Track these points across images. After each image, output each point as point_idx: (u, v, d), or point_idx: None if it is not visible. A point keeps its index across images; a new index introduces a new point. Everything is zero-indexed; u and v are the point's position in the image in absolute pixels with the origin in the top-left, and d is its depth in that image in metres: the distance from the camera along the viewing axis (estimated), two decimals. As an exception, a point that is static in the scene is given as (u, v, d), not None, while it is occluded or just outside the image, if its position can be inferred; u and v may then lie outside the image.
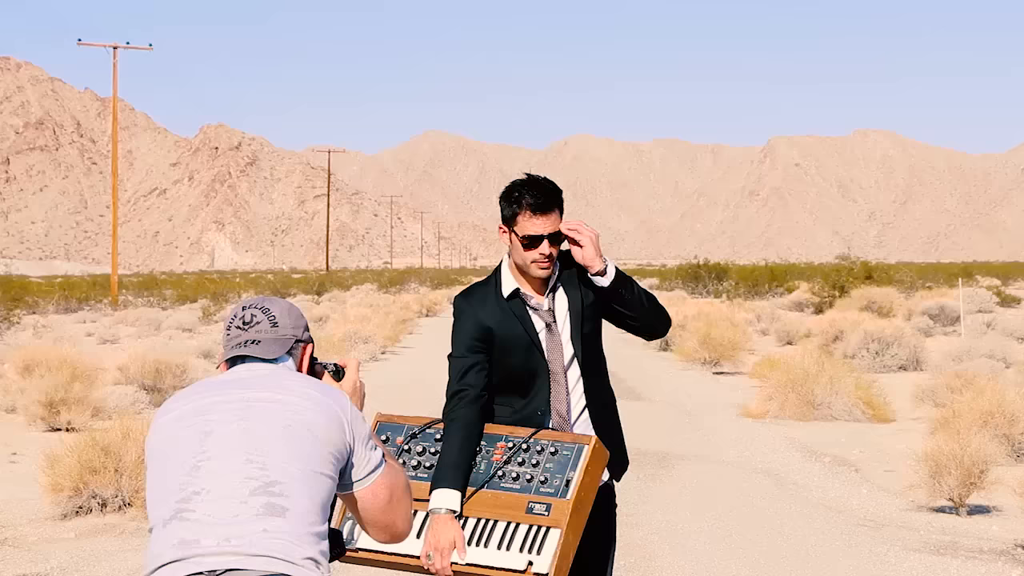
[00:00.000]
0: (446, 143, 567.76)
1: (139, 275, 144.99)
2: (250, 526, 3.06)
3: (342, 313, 43.68)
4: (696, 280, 64.78)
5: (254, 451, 3.14)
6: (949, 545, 9.10)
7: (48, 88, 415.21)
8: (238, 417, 3.21)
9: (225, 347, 3.46)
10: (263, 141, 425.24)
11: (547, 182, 4.54)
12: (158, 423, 3.31)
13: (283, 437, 3.17)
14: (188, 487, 3.12)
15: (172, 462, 3.19)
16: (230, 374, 3.41)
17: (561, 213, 4.52)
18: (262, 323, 3.44)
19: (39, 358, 18.85)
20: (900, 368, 23.26)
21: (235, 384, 3.32)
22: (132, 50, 65.16)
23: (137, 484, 10.20)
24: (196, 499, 3.10)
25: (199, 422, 3.22)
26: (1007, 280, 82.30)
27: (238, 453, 3.14)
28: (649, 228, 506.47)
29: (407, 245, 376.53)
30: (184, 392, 3.39)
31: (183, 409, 3.28)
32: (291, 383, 3.31)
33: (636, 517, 9.95)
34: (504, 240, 4.55)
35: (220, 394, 3.29)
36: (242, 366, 3.42)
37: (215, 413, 3.23)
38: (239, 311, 3.48)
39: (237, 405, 3.24)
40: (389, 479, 3.39)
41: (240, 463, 3.13)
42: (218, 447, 3.16)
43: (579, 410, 4.54)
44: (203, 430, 3.20)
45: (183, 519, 3.08)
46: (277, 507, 3.09)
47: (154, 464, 3.24)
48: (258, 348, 3.41)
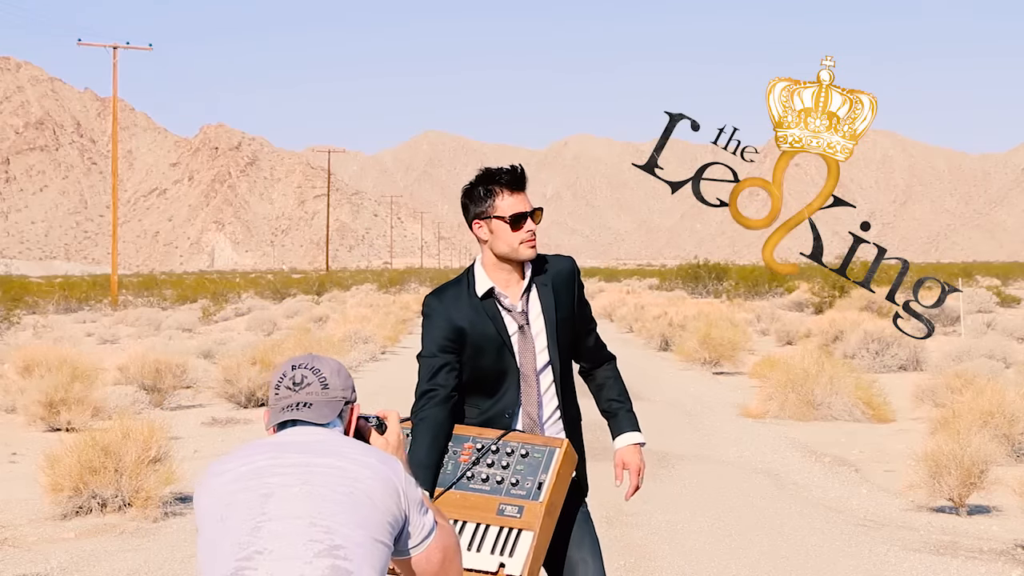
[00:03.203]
0: (446, 143, 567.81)
1: (139, 275, 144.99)
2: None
3: (342, 313, 43.68)
4: (696, 280, 64.82)
5: (317, 514, 3.12)
6: (949, 545, 9.10)
7: (48, 88, 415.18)
8: (300, 480, 3.18)
9: (273, 408, 3.41)
10: (263, 141, 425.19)
11: (510, 166, 4.55)
12: (210, 484, 3.27)
13: (345, 503, 3.15)
14: (249, 547, 3.09)
15: (230, 523, 3.15)
16: (284, 436, 3.36)
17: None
18: (312, 384, 3.39)
19: (39, 358, 18.85)
20: (900, 368, 23.26)
21: (292, 447, 3.28)
22: (132, 50, 65.18)
23: (137, 484, 10.20)
24: (258, 558, 3.06)
25: (257, 484, 3.19)
26: (1007, 280, 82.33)
27: (301, 516, 3.11)
28: (649, 228, 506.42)
29: (407, 245, 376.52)
30: (236, 452, 3.34)
31: (239, 471, 3.24)
32: (348, 450, 3.28)
33: (636, 517, 9.95)
34: (482, 235, 4.51)
35: (278, 457, 3.25)
36: (293, 429, 3.37)
37: (274, 476, 3.19)
38: (287, 370, 3.43)
39: (298, 469, 3.20)
40: (441, 542, 3.38)
41: (304, 526, 3.10)
42: (279, 509, 3.13)
43: (550, 412, 4.53)
44: (263, 492, 3.17)
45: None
46: (342, 570, 3.07)
47: (208, 525, 3.20)
48: (310, 412, 3.37)
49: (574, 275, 4.62)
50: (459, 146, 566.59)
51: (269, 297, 68.74)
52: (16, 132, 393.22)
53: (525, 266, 4.55)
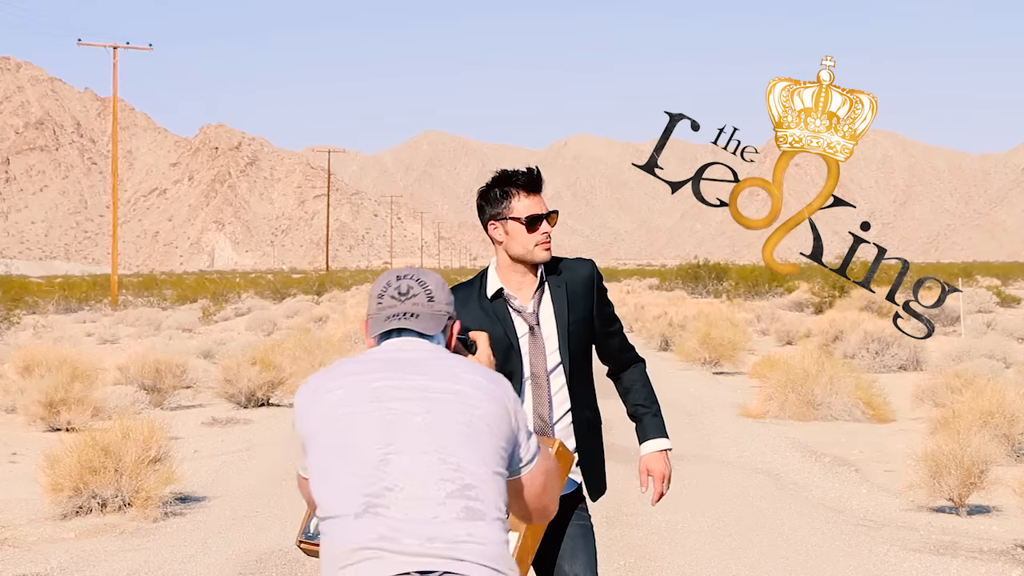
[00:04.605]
0: (446, 143, 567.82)
1: (139, 275, 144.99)
2: (452, 529, 3.00)
3: (342, 313, 43.69)
4: (696, 280, 64.85)
5: (444, 450, 3.07)
6: (949, 545, 9.10)
7: (48, 88, 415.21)
8: (422, 409, 3.11)
9: (376, 317, 3.33)
10: (263, 141, 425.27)
11: (527, 168, 4.55)
12: (321, 401, 3.17)
13: (468, 436, 3.10)
14: (379, 481, 3.03)
15: (352, 450, 3.08)
16: (391, 350, 3.27)
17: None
18: (419, 295, 3.33)
19: (39, 358, 18.85)
20: (900, 368, 23.26)
21: (407, 365, 3.20)
22: (132, 50, 65.19)
23: (137, 484, 10.20)
24: (389, 495, 3.02)
25: (377, 408, 3.12)
26: (1007, 280, 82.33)
27: (428, 451, 3.06)
28: (649, 228, 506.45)
29: (407, 245, 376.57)
30: (341, 368, 3.24)
31: (353, 389, 3.16)
32: (461, 370, 3.22)
33: (636, 517, 9.95)
34: (497, 236, 4.50)
35: (393, 377, 3.17)
36: (398, 340, 3.30)
37: (394, 401, 3.13)
38: (392, 280, 3.36)
39: (417, 394, 3.14)
40: (544, 465, 3.34)
41: (434, 462, 3.05)
42: (405, 441, 3.07)
43: (561, 413, 4.51)
44: (385, 419, 3.10)
45: (378, 514, 3.00)
46: (476, 511, 3.04)
47: (320, 448, 3.13)
48: (417, 322, 3.30)
49: (593, 279, 4.59)
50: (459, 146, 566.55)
51: (269, 297, 68.75)
52: (16, 132, 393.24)
53: (539, 268, 4.55)
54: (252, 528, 9.89)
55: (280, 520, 10.10)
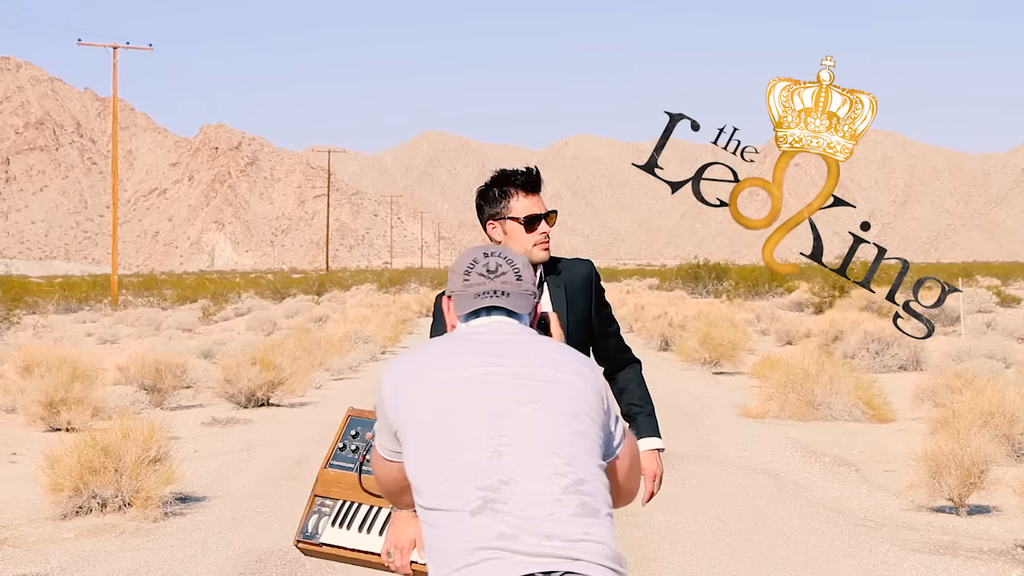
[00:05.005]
0: (446, 143, 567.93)
1: (139, 275, 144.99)
2: (569, 527, 2.94)
3: (342, 313, 43.71)
4: (696, 280, 64.85)
5: (554, 443, 3.00)
6: (949, 545, 9.10)
7: (48, 88, 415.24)
8: (529, 399, 3.05)
9: (463, 295, 3.25)
10: (263, 141, 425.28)
11: (525, 168, 4.55)
12: (417, 386, 3.10)
13: (575, 428, 3.05)
14: (493, 474, 2.96)
15: (461, 440, 3.01)
16: (484, 332, 3.21)
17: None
18: (508, 273, 3.26)
19: (39, 358, 18.85)
20: (900, 368, 23.26)
21: (505, 349, 3.14)
22: (132, 50, 65.19)
23: (137, 484, 10.20)
24: (505, 489, 2.94)
25: (484, 396, 3.05)
26: (1007, 280, 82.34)
27: (540, 443, 3.00)
28: (649, 228, 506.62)
29: (407, 245, 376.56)
30: (436, 350, 3.16)
31: (456, 375, 3.08)
32: (560, 356, 3.16)
33: (636, 517, 9.95)
34: (496, 235, 4.49)
35: (495, 362, 3.10)
36: (488, 320, 3.24)
37: (501, 388, 3.06)
38: (479, 257, 3.29)
39: (523, 382, 3.07)
40: (630, 446, 3.31)
41: (545, 455, 2.98)
42: (516, 432, 3.00)
43: None
44: (493, 407, 3.03)
45: (496, 511, 2.93)
46: (591, 508, 2.98)
47: (424, 435, 3.06)
48: (508, 301, 3.22)
49: (591, 279, 4.61)
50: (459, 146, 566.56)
51: (269, 297, 68.75)
52: (16, 132, 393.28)
53: (538, 268, 4.55)
54: (252, 528, 9.89)
55: (280, 520, 10.10)
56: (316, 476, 4.54)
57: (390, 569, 4.24)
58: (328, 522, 4.42)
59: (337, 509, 4.44)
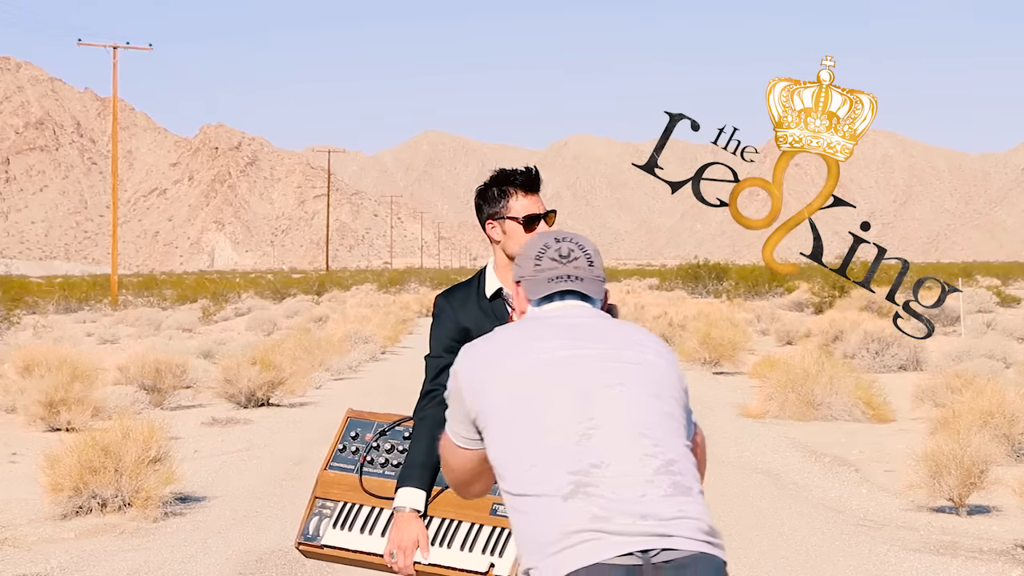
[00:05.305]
0: (446, 143, 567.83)
1: (139, 275, 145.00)
2: (663, 506, 2.95)
3: (342, 313, 43.71)
4: (696, 280, 64.86)
5: (642, 424, 3.01)
6: (949, 545, 9.10)
7: (48, 88, 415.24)
8: (616, 380, 3.04)
9: (535, 279, 3.23)
10: (263, 141, 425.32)
11: (525, 167, 4.55)
12: (499, 371, 3.08)
13: (661, 408, 3.06)
14: (584, 458, 2.95)
15: (548, 424, 2.99)
16: (559, 316, 3.19)
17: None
18: (580, 259, 3.25)
19: (39, 358, 18.85)
20: (900, 368, 23.26)
21: (585, 332, 3.13)
22: (132, 50, 65.20)
23: (137, 484, 10.20)
24: (596, 472, 2.93)
25: (566, 378, 3.03)
26: (1007, 280, 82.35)
27: (628, 425, 2.99)
28: (649, 228, 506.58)
29: (407, 245, 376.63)
30: (513, 334, 3.14)
31: (536, 357, 3.06)
32: (640, 337, 3.17)
33: (636, 517, 9.94)
34: (495, 235, 4.49)
35: (576, 346, 3.09)
36: (562, 304, 3.22)
37: (584, 372, 3.05)
38: (550, 242, 3.27)
39: (608, 364, 3.07)
40: (700, 432, 3.35)
41: (634, 436, 2.98)
42: (604, 415, 2.99)
43: None
44: (580, 390, 3.02)
45: (589, 495, 2.92)
46: (683, 487, 3.00)
47: (509, 420, 3.03)
48: (582, 285, 3.22)
49: None
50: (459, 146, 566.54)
51: (269, 297, 68.75)
52: (16, 132, 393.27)
53: None
54: (252, 528, 9.89)
55: (280, 520, 10.10)
56: (316, 478, 4.53)
57: (392, 570, 4.24)
58: (329, 524, 4.41)
59: (338, 511, 4.43)
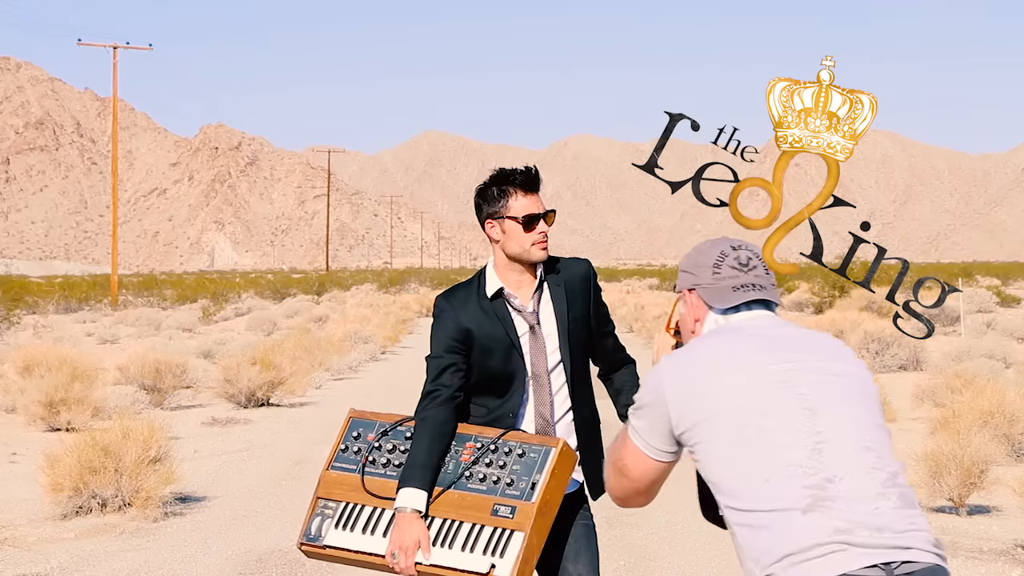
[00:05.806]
0: (446, 143, 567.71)
1: (139, 275, 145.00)
2: (895, 518, 2.95)
3: (342, 313, 43.70)
4: (696, 280, 64.81)
5: (864, 437, 3.02)
6: (949, 545, 9.10)
7: (48, 88, 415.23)
8: (832, 394, 3.04)
9: (716, 287, 3.20)
10: (263, 141, 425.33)
11: (524, 167, 4.55)
12: (712, 385, 3.04)
13: (873, 420, 3.06)
14: (818, 472, 2.94)
15: (777, 439, 2.98)
16: (753, 325, 3.16)
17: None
18: (758, 267, 3.24)
19: (39, 358, 18.85)
20: (900, 368, 23.26)
21: (789, 344, 3.11)
22: (132, 50, 65.17)
23: (137, 484, 10.20)
24: (831, 487, 2.94)
25: (788, 394, 3.02)
26: (1007, 280, 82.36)
27: (853, 438, 3.00)
28: (649, 228, 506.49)
29: (407, 245, 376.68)
30: (719, 348, 3.09)
31: (752, 374, 3.03)
32: (835, 345, 3.15)
33: (636, 517, 9.95)
34: (494, 234, 4.49)
35: (790, 358, 3.08)
36: (750, 313, 3.19)
37: (802, 385, 3.03)
38: (727, 249, 3.26)
39: (821, 377, 3.06)
40: None
41: (860, 449, 2.99)
42: (831, 429, 2.99)
43: (562, 413, 4.52)
44: (803, 405, 3.01)
45: (828, 508, 2.92)
46: (909, 499, 3.00)
47: (729, 435, 3.00)
48: (766, 294, 3.19)
49: (589, 278, 4.62)
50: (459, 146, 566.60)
51: (269, 297, 68.73)
52: (16, 132, 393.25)
53: (537, 267, 4.55)
54: (252, 528, 9.89)
55: (280, 520, 10.10)
56: (319, 478, 4.53)
57: (394, 570, 4.24)
58: (331, 524, 4.41)
59: (340, 511, 4.43)
